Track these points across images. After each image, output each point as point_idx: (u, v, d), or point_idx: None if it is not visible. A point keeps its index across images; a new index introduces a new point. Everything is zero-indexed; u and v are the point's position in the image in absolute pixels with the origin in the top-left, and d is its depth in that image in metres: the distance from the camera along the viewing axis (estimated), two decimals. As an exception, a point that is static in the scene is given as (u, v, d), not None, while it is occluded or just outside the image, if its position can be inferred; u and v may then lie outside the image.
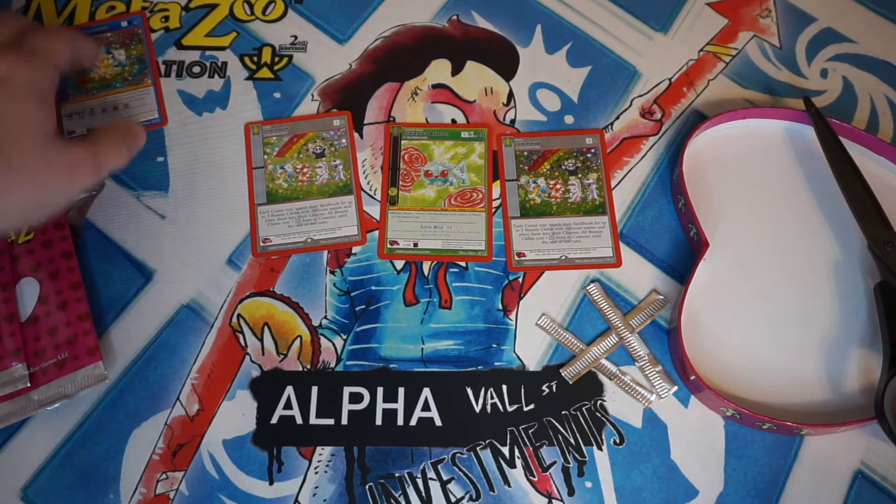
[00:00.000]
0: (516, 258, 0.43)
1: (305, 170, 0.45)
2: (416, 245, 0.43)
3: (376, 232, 0.44)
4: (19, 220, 0.35)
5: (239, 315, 0.41)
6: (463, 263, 0.43)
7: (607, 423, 0.39)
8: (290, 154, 0.46)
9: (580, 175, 0.45)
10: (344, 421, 0.39)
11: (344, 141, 0.46)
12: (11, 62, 0.34)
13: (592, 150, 0.46)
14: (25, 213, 0.34)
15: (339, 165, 0.45)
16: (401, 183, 0.45)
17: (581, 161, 0.45)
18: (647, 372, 0.40)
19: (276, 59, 0.49)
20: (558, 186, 0.45)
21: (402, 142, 0.46)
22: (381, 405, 0.39)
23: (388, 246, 0.43)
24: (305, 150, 0.46)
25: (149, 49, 0.48)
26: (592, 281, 0.43)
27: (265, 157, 0.46)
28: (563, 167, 0.45)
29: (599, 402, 0.40)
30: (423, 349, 0.41)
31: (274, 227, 0.43)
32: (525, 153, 0.46)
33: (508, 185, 0.45)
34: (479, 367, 0.40)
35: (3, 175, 0.32)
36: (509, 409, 0.40)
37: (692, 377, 0.38)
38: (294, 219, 0.44)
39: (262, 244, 0.43)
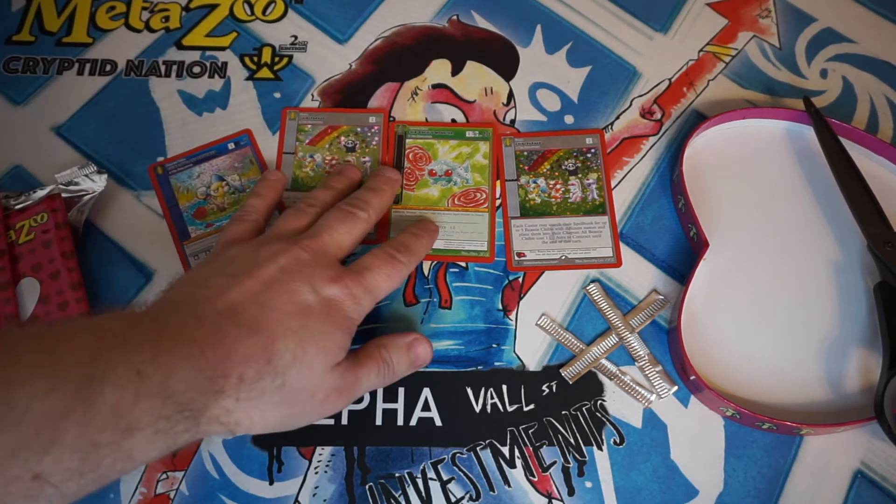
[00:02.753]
0: (516, 258, 0.43)
1: (334, 162, 0.45)
2: None
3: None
4: (260, 431, 0.32)
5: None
6: (463, 263, 0.43)
7: (607, 423, 0.39)
8: (322, 144, 0.46)
9: (580, 175, 0.45)
10: (344, 421, 0.39)
11: (377, 139, 0.46)
12: (347, 287, 0.33)
13: (592, 150, 0.46)
14: (270, 428, 0.32)
15: (368, 162, 0.45)
16: (405, 181, 0.45)
17: (581, 161, 0.45)
18: (647, 372, 0.40)
19: (277, 59, 0.49)
20: (558, 186, 0.45)
21: (407, 140, 0.46)
22: (381, 405, 0.39)
23: None
24: (338, 142, 0.46)
25: (263, 169, 0.45)
26: (592, 281, 0.43)
27: (297, 143, 0.46)
28: (564, 167, 0.45)
29: (599, 402, 0.40)
30: (423, 349, 0.41)
31: None
32: (525, 153, 0.46)
33: (508, 185, 0.45)
34: (479, 367, 0.40)
35: (268, 394, 0.30)
36: (509, 409, 0.40)
37: (692, 377, 0.38)
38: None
39: None
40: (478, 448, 0.39)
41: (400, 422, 0.39)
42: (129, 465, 0.27)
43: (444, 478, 0.38)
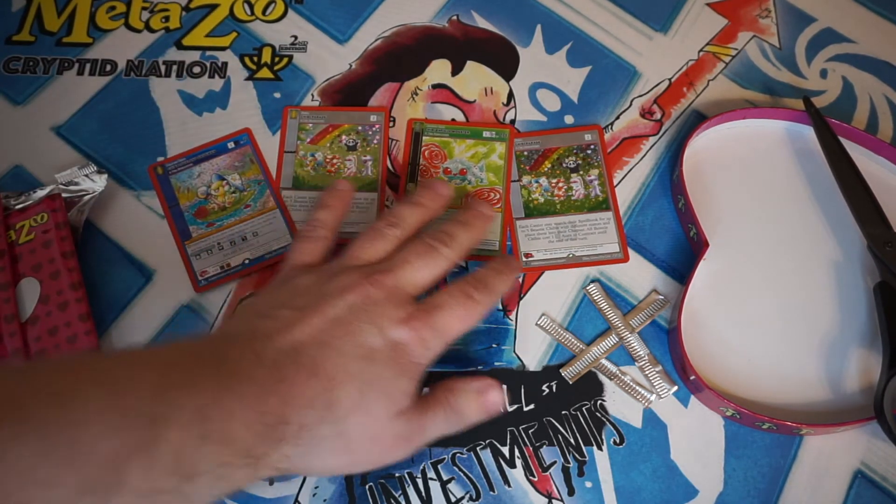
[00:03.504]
0: (524, 259, 0.43)
1: (335, 160, 0.45)
2: None
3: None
4: (317, 475, 0.32)
5: (239, 315, 0.41)
6: (463, 263, 0.43)
7: (607, 423, 0.39)
8: (324, 143, 0.46)
9: (581, 172, 0.45)
10: (344, 421, 0.39)
11: (378, 138, 0.46)
12: (416, 330, 0.32)
13: (592, 147, 0.46)
14: (329, 473, 0.31)
15: (369, 161, 0.45)
16: (419, 179, 0.45)
17: (581, 158, 0.45)
18: (647, 372, 0.40)
19: (277, 59, 0.49)
20: (560, 185, 0.45)
21: (423, 138, 0.46)
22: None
23: None
24: (339, 140, 0.46)
25: (264, 169, 0.45)
26: (592, 281, 0.43)
27: (298, 142, 0.46)
28: (564, 165, 0.45)
29: (599, 402, 0.40)
30: (423, 349, 0.41)
31: (295, 213, 0.44)
32: (525, 153, 0.46)
33: (511, 185, 0.45)
34: (479, 367, 0.40)
35: (328, 441, 0.29)
36: (509, 409, 0.40)
37: (692, 377, 0.38)
38: (312, 209, 0.44)
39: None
40: (478, 448, 0.39)
41: (400, 422, 0.39)
42: None
43: (444, 478, 0.38)
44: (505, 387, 0.35)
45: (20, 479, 0.22)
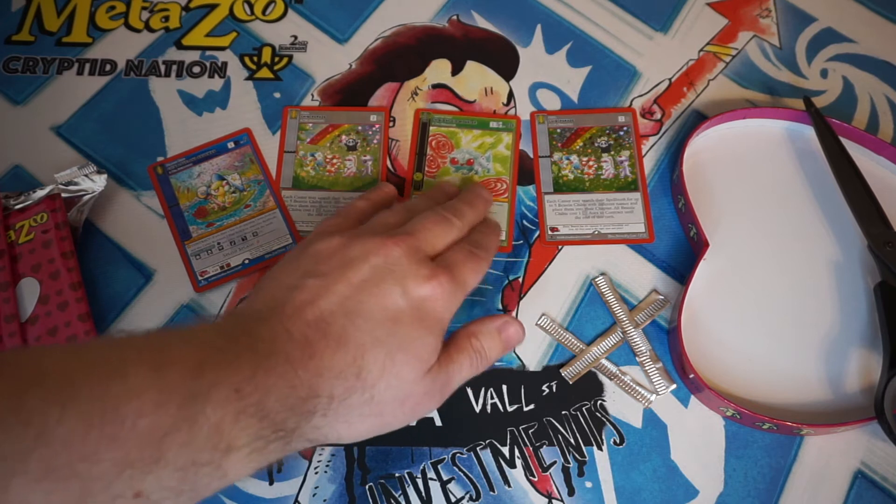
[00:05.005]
0: (550, 232, 0.43)
1: (335, 160, 0.45)
2: None
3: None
4: (347, 442, 0.32)
5: (239, 315, 0.41)
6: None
7: (607, 423, 0.39)
8: (324, 143, 0.46)
9: (613, 152, 0.45)
10: (344, 421, 0.39)
11: (378, 138, 0.46)
12: (442, 284, 0.32)
13: (625, 129, 0.46)
14: (357, 438, 0.31)
15: (369, 161, 0.45)
16: (426, 168, 0.45)
17: (613, 138, 0.46)
18: (647, 368, 0.40)
19: (276, 59, 0.49)
20: (591, 163, 0.45)
21: (431, 128, 0.46)
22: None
23: None
24: (339, 140, 0.46)
25: (264, 169, 0.45)
26: (602, 274, 0.43)
27: (298, 142, 0.46)
28: (596, 144, 0.46)
29: (599, 402, 0.40)
30: (423, 349, 0.41)
31: (296, 213, 0.44)
32: (558, 130, 0.46)
33: (542, 161, 0.45)
34: (479, 367, 0.40)
35: (357, 408, 0.30)
36: (509, 409, 0.39)
37: (691, 376, 0.38)
38: (315, 207, 0.44)
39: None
40: (478, 448, 0.39)
41: (400, 422, 0.39)
42: (223, 483, 0.27)
43: (444, 478, 0.38)
44: (521, 323, 0.36)
45: (67, 455, 0.23)
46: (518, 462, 0.38)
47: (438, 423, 0.39)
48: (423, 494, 0.38)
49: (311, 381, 0.29)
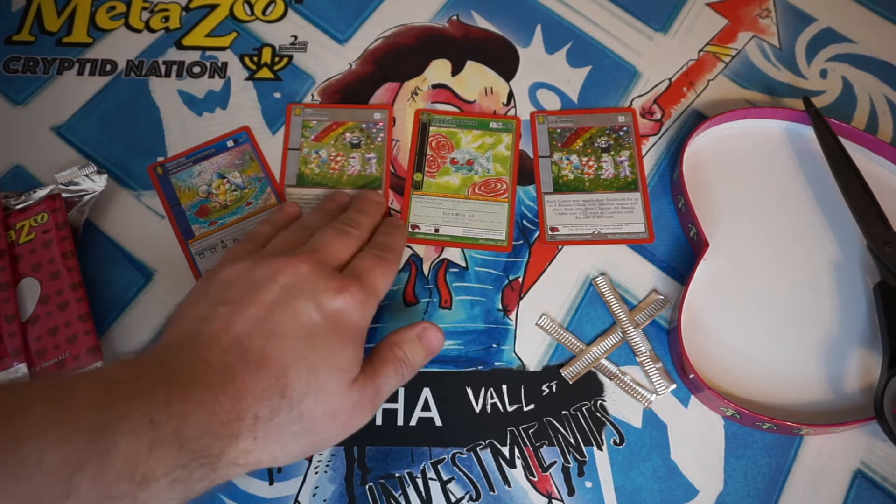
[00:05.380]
0: (550, 233, 0.43)
1: (339, 158, 0.45)
2: (437, 231, 0.43)
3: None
4: (283, 464, 0.32)
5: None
6: (463, 263, 0.43)
7: (607, 423, 0.39)
8: (327, 140, 0.46)
9: (613, 152, 0.45)
10: (344, 421, 0.39)
11: (382, 136, 0.46)
12: (353, 294, 0.32)
13: (625, 129, 0.46)
14: (295, 458, 0.31)
15: (373, 159, 0.45)
16: (426, 169, 0.45)
17: (613, 139, 0.46)
18: (647, 368, 0.40)
19: (276, 59, 0.49)
20: (591, 163, 0.45)
21: (431, 128, 0.46)
22: (381, 405, 0.39)
23: (409, 230, 0.43)
24: (343, 138, 0.46)
25: (264, 166, 0.45)
26: (601, 274, 0.43)
27: (302, 139, 0.46)
28: (596, 144, 0.46)
29: (599, 402, 0.40)
30: (423, 349, 0.41)
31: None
32: (558, 130, 0.46)
33: (542, 161, 0.45)
34: (479, 367, 0.40)
35: (287, 427, 0.29)
36: (509, 409, 0.40)
37: (691, 375, 0.38)
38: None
39: None
40: (478, 448, 0.39)
41: (400, 422, 0.39)
42: None
43: (444, 478, 0.38)
44: (440, 328, 0.36)
45: None
46: (518, 462, 0.38)
47: (438, 423, 0.39)
48: (423, 494, 0.38)
49: (232, 405, 0.28)
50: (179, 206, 0.44)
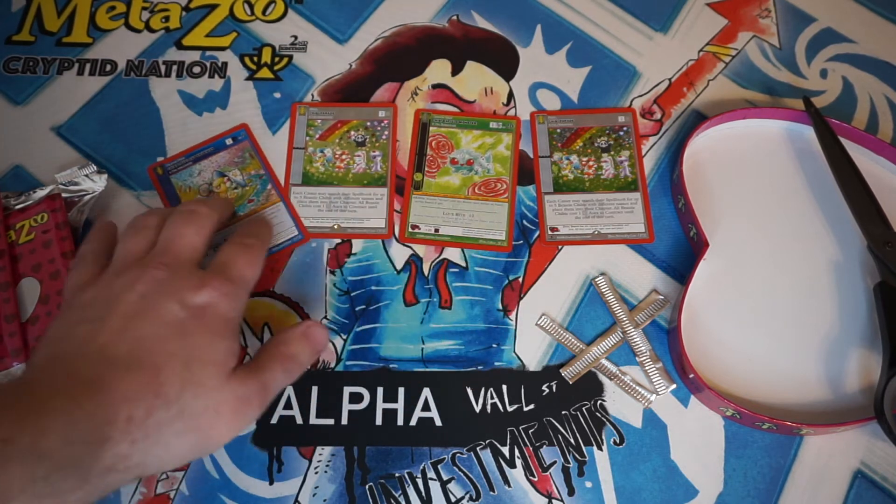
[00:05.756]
0: (550, 232, 0.43)
1: (344, 156, 0.45)
2: (436, 231, 0.43)
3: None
4: (172, 466, 0.31)
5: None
6: (463, 263, 0.43)
7: (607, 423, 0.39)
8: (332, 139, 0.46)
9: (612, 152, 0.45)
10: (344, 421, 0.39)
11: (386, 134, 0.46)
12: (217, 288, 0.32)
13: (625, 129, 0.46)
14: (183, 460, 0.31)
15: (378, 157, 0.45)
16: (426, 169, 0.45)
17: (613, 139, 0.46)
18: (647, 368, 0.40)
19: (276, 59, 0.49)
20: (591, 163, 0.45)
21: (431, 128, 0.46)
22: (381, 405, 0.39)
23: (410, 230, 0.43)
24: (347, 137, 0.46)
25: (264, 162, 0.45)
26: (601, 274, 0.43)
27: (307, 138, 0.46)
28: (596, 144, 0.46)
29: (599, 402, 0.40)
30: (423, 349, 0.41)
31: (305, 209, 0.44)
32: (558, 130, 0.46)
33: (542, 161, 0.45)
34: (479, 367, 0.40)
35: (167, 426, 0.29)
36: (509, 409, 0.40)
37: (691, 375, 0.38)
38: (325, 203, 0.44)
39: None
40: (478, 448, 0.39)
41: (400, 422, 0.39)
42: None
43: (444, 478, 0.38)
44: (323, 325, 0.36)
45: None
46: (518, 462, 0.38)
47: (438, 423, 0.39)
48: (423, 494, 0.38)
49: (99, 410, 0.28)
50: None
